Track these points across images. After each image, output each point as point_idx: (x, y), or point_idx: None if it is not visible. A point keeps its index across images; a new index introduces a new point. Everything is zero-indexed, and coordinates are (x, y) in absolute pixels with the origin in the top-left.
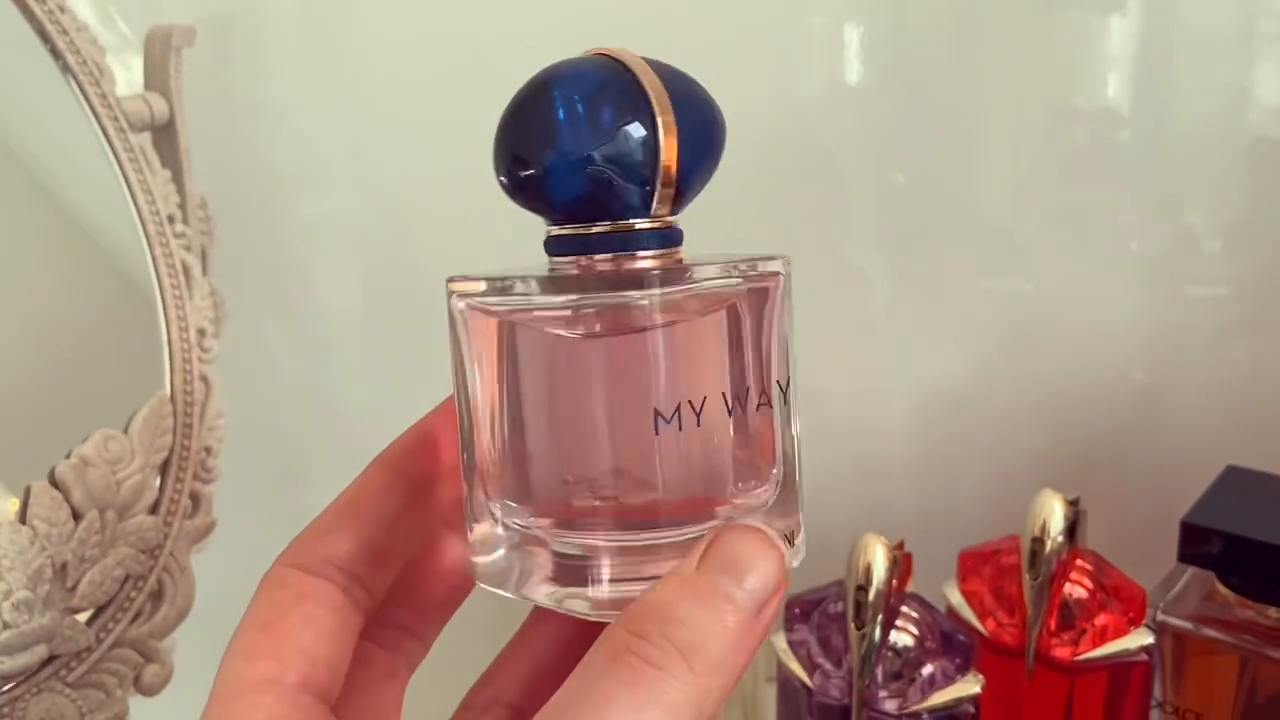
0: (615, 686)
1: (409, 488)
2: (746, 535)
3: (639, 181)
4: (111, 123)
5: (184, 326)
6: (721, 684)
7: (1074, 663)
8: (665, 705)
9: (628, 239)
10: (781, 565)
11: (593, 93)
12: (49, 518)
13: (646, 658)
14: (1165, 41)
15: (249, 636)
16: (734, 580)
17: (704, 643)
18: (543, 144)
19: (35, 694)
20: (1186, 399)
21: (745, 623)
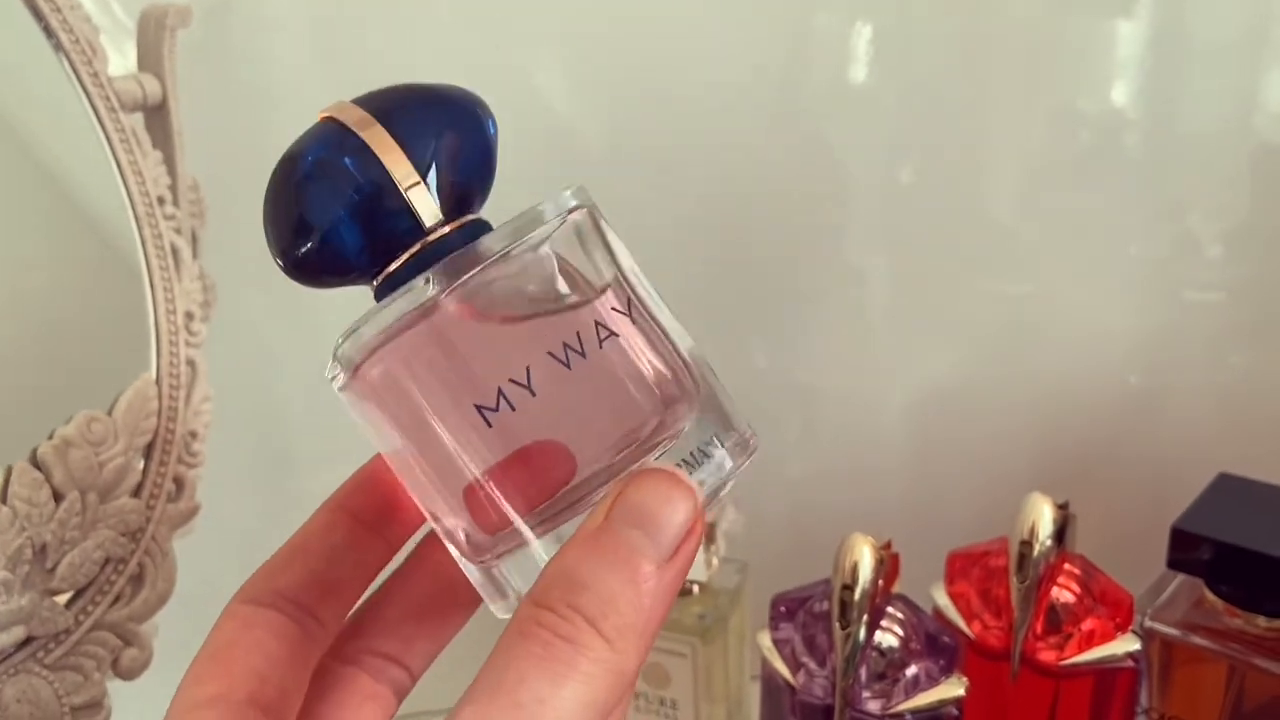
0: (526, 664)
1: (354, 523)
2: (650, 479)
3: (396, 211)
4: (103, 102)
5: (172, 309)
6: (637, 643)
7: (1059, 667)
8: (581, 677)
9: (425, 258)
10: (692, 504)
11: (321, 155)
12: (29, 498)
13: (555, 630)
14: (1173, 47)
15: (199, 666)
16: (641, 531)
17: (613, 605)
18: (301, 219)
19: (12, 675)
20: (1182, 404)
21: (656, 575)
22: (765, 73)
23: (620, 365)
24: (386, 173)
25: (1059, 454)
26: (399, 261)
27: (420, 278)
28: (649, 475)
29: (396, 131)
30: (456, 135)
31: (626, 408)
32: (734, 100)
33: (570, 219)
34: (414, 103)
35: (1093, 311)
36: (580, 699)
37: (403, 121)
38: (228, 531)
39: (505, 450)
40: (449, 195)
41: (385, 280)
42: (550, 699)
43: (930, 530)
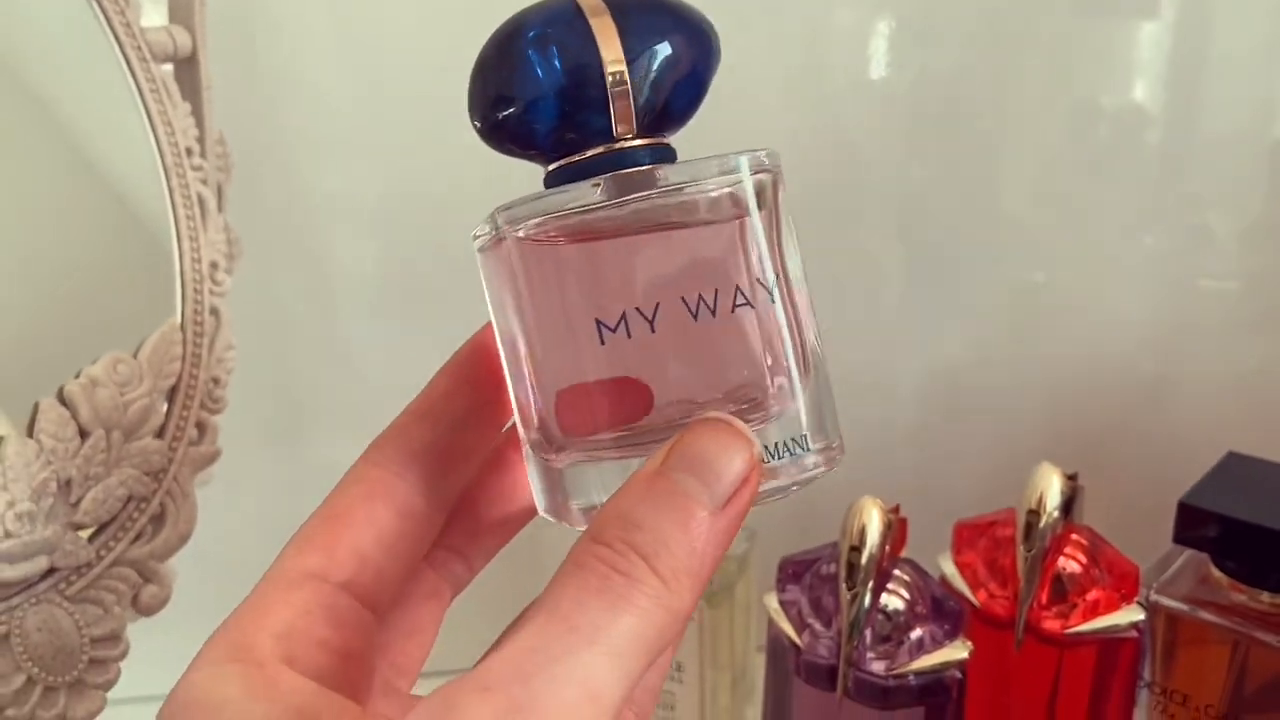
0: (584, 593)
1: (474, 390)
2: (710, 428)
3: (595, 108)
4: (135, 52)
5: (197, 258)
6: (690, 584)
7: (1063, 636)
8: (637, 611)
9: (604, 161)
10: (749, 456)
11: (545, 30)
12: (55, 433)
13: (613, 565)
14: (1198, 50)
15: (311, 527)
16: (696, 477)
17: (666, 547)
18: (505, 87)
19: (34, 604)
20: (1193, 390)
21: (710, 520)
22: (786, 64)
23: (743, 337)
24: (599, 66)
25: (1069, 436)
26: (581, 156)
27: (592, 180)
28: (707, 423)
29: (624, 28)
30: (680, 55)
31: (731, 379)
32: (754, 90)
33: (756, 178)
34: (653, 7)
35: (1106, 299)
36: (634, 631)
37: (634, 22)
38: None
39: (605, 371)
40: (649, 110)
41: (560, 169)
42: (606, 627)
43: (938, 505)
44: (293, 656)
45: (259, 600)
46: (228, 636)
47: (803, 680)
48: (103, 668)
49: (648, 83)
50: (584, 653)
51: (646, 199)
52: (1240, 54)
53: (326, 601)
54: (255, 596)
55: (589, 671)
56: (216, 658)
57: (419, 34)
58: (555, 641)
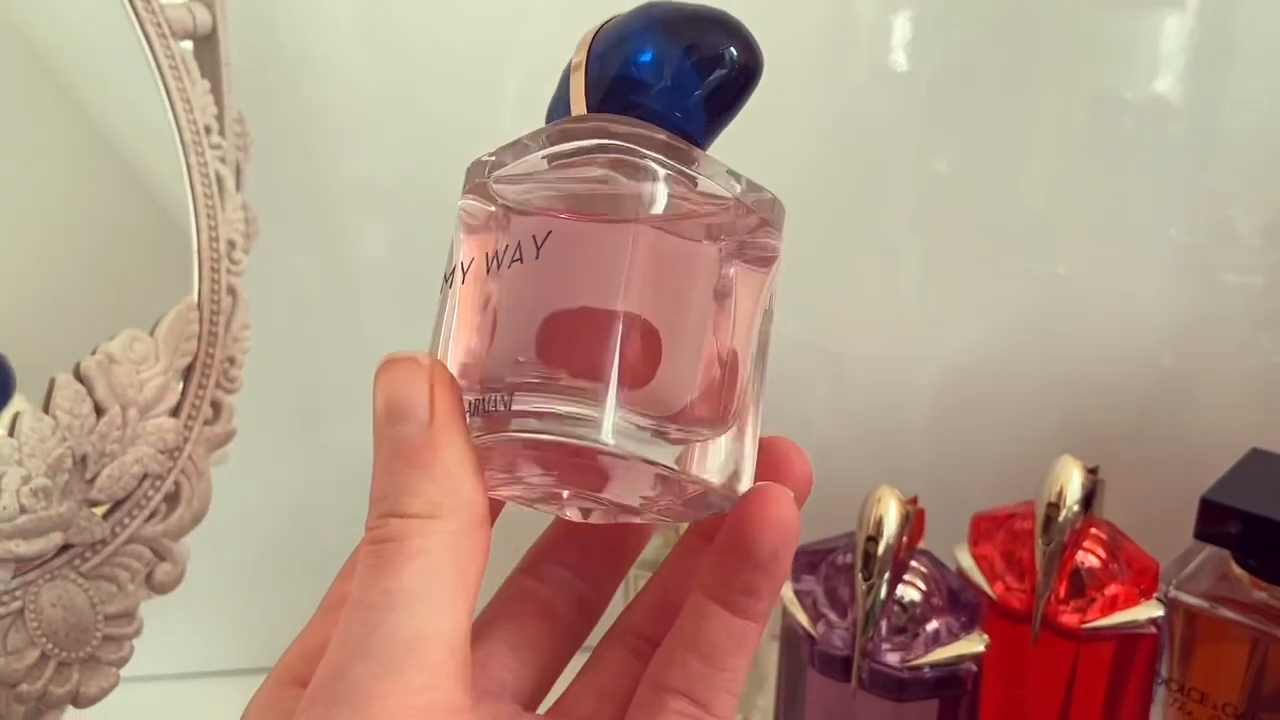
0: (365, 574)
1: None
2: (381, 373)
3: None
4: (154, 28)
5: (214, 237)
6: (453, 500)
7: (1081, 631)
8: (414, 555)
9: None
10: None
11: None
12: (71, 409)
13: (378, 539)
14: (1222, 43)
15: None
16: (396, 422)
17: (407, 490)
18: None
19: (49, 580)
20: (1215, 386)
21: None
22: (807, 54)
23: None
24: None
25: (1089, 430)
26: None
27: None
28: (377, 373)
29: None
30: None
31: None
32: (774, 81)
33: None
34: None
35: (1127, 293)
36: (423, 569)
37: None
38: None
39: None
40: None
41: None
42: (395, 587)
43: (954, 498)
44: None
45: (306, 630)
46: (275, 669)
47: (817, 671)
48: (116, 645)
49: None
50: (387, 618)
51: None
52: (1265, 47)
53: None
54: (306, 628)
55: (397, 627)
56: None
57: (442, 15)
58: (359, 626)
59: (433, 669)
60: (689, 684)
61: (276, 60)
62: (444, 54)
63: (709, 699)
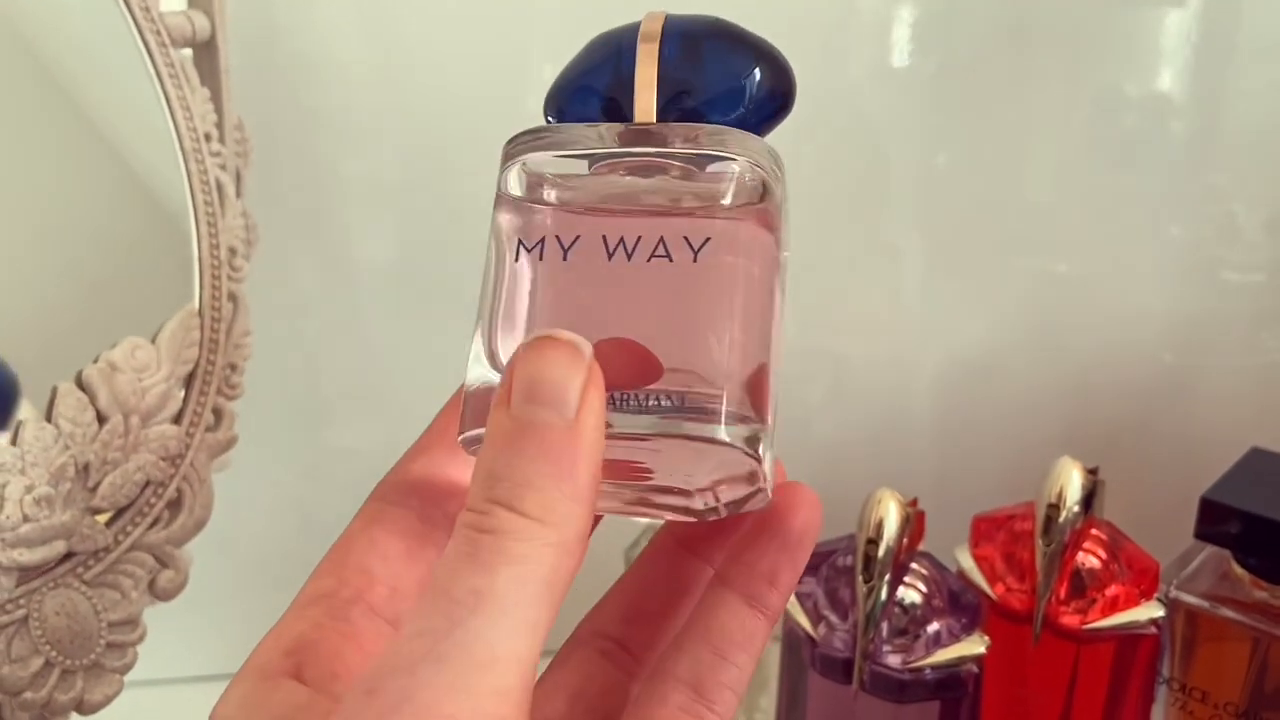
0: (457, 564)
1: None
2: (529, 350)
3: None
4: (154, 36)
5: (215, 244)
6: (570, 509)
7: (1081, 631)
8: (513, 559)
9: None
10: (574, 353)
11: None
12: (74, 418)
13: (478, 528)
14: (1226, 39)
15: (322, 563)
16: (538, 404)
17: (529, 484)
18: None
19: (52, 588)
20: (1216, 384)
21: (564, 441)
22: (808, 52)
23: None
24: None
25: (1090, 428)
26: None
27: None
28: (530, 346)
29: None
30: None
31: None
32: None
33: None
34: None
35: (1129, 290)
36: (518, 578)
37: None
38: (258, 476)
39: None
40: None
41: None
42: (486, 588)
43: (956, 498)
44: (302, 667)
45: (278, 626)
46: (248, 663)
47: (818, 673)
48: (120, 651)
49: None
50: (469, 621)
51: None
52: (1267, 41)
53: (339, 616)
54: (276, 624)
55: (480, 637)
56: (236, 680)
57: (442, 16)
58: (439, 620)
59: (503, 694)
60: (696, 674)
61: (276, 63)
62: (445, 56)
63: (713, 693)
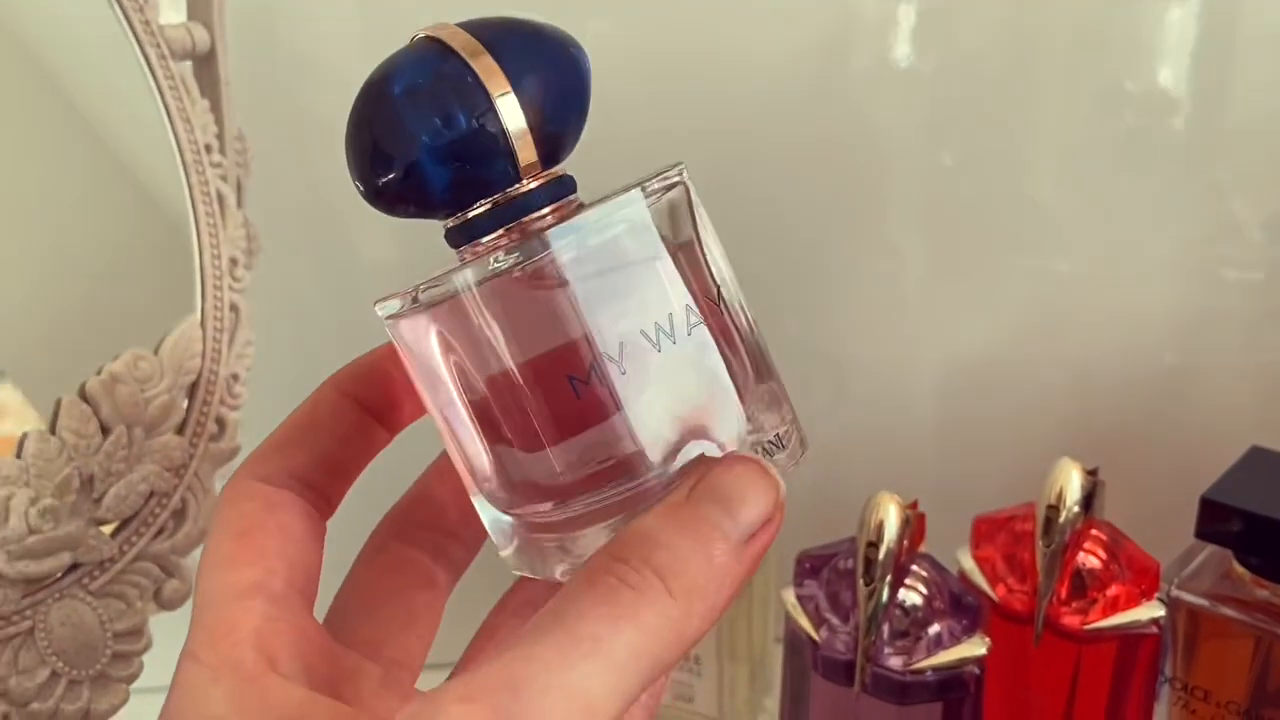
0: (589, 604)
1: (359, 410)
2: (739, 465)
3: (496, 152)
4: (154, 50)
5: (216, 254)
6: (702, 610)
7: (1083, 632)
8: (641, 625)
9: (514, 207)
10: (775, 496)
11: (420, 83)
12: (78, 430)
13: (623, 579)
14: (1227, 33)
15: (226, 547)
16: (723, 510)
17: (685, 568)
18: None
19: (57, 599)
20: (1217, 383)
21: (732, 552)
22: (808, 49)
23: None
24: (493, 111)
25: (1090, 429)
26: (479, 209)
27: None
28: (735, 460)
29: (507, 66)
30: (561, 78)
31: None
32: (775, 76)
33: (665, 199)
34: (521, 37)
35: (1130, 289)
36: (635, 646)
37: (513, 56)
38: None
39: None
40: (544, 143)
41: (462, 225)
42: (606, 639)
43: (958, 499)
44: (276, 663)
45: (218, 620)
46: (201, 660)
47: (820, 675)
48: (126, 661)
49: (543, 122)
50: (582, 664)
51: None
52: (1269, 37)
53: (282, 606)
54: (209, 618)
55: (585, 683)
56: (198, 681)
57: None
58: (553, 651)
59: None
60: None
61: (278, 67)
62: None
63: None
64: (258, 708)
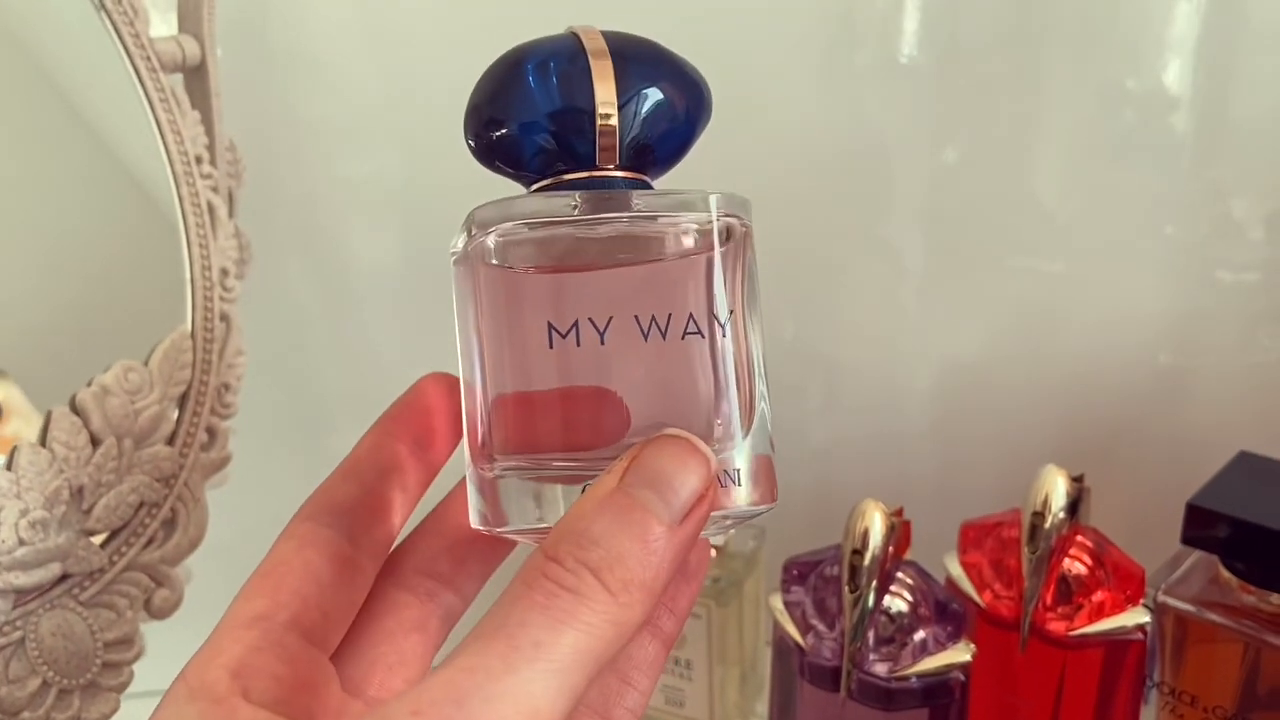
0: (529, 611)
1: (398, 445)
2: (668, 444)
3: (586, 139)
4: (144, 63)
5: (207, 265)
6: (642, 598)
7: (1068, 638)
8: (581, 626)
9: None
10: (706, 471)
11: (547, 61)
12: (68, 441)
13: (560, 581)
14: (1229, 31)
15: (252, 582)
16: (655, 492)
17: (621, 561)
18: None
19: (48, 610)
20: (1211, 385)
21: (667, 535)
22: (810, 44)
23: (688, 365)
24: (592, 102)
25: (1083, 430)
26: (560, 179)
27: (571, 194)
28: (666, 440)
29: (621, 73)
30: (670, 106)
31: (670, 406)
32: (777, 71)
33: (725, 220)
34: (651, 58)
35: (1125, 290)
36: (577, 646)
37: (632, 68)
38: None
39: (551, 378)
40: (633, 150)
41: (542, 189)
42: (547, 644)
43: (950, 502)
44: (248, 689)
45: (212, 644)
46: (186, 680)
47: (807, 681)
48: (116, 670)
49: (635, 126)
50: (524, 670)
51: (618, 220)
52: (1271, 35)
53: (275, 639)
54: (208, 643)
55: (529, 689)
56: (178, 699)
57: (440, 28)
58: (496, 660)
59: None
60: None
61: (272, 68)
62: (442, 67)
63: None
64: None
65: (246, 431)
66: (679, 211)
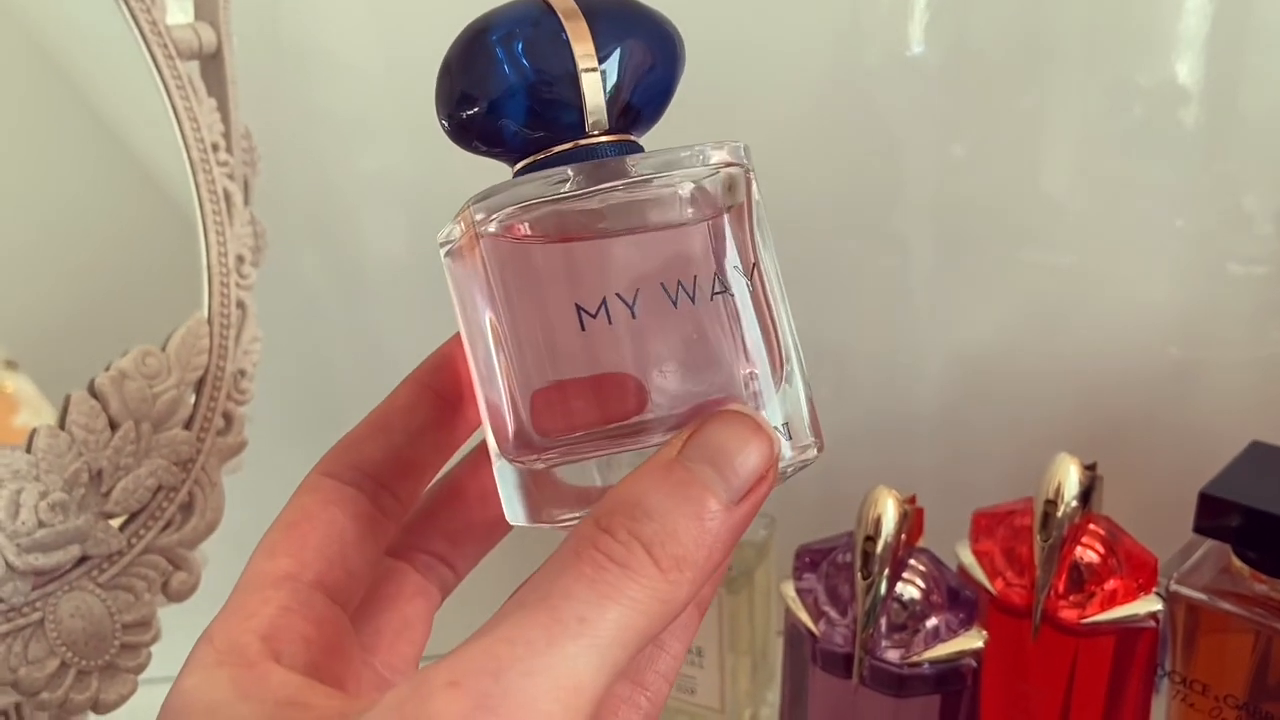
0: (575, 582)
1: (436, 402)
2: (730, 419)
3: (570, 108)
4: (161, 50)
5: (223, 252)
6: (692, 577)
7: (1080, 625)
8: (626, 601)
9: (573, 157)
10: (769, 451)
11: (514, 30)
12: (87, 425)
13: (610, 554)
14: (1239, 25)
15: (274, 536)
16: (714, 468)
17: (674, 536)
18: (475, 85)
19: (67, 591)
20: (1221, 377)
21: (724, 514)
22: (820, 39)
23: (723, 324)
24: (572, 66)
25: (1093, 422)
26: (548, 153)
27: (565, 168)
28: (729, 416)
29: (597, 31)
30: (650, 58)
31: (713, 368)
32: (787, 65)
33: (725, 171)
34: (623, 12)
35: (1136, 283)
36: (621, 622)
37: (606, 24)
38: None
39: (588, 361)
40: (619, 110)
41: (528, 166)
42: (591, 618)
43: (960, 492)
44: (279, 653)
45: (239, 605)
46: (213, 643)
47: (819, 668)
48: (134, 652)
49: (621, 85)
50: (567, 645)
51: (615, 190)
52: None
53: (303, 599)
54: (234, 602)
55: (571, 665)
56: (206, 663)
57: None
58: (538, 632)
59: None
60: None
61: (285, 61)
62: None
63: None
64: (257, 692)
65: (260, 418)
66: (676, 170)
